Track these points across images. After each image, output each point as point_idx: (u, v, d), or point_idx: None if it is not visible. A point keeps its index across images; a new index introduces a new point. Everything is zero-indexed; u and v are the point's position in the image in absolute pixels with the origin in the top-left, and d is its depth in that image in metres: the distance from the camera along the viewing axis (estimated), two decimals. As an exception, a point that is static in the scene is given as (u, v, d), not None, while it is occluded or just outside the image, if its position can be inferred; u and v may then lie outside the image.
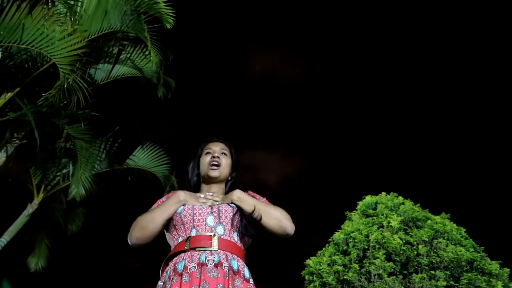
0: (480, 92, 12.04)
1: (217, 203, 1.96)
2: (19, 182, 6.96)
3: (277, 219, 1.92)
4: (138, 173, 7.17)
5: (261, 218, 1.90)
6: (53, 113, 5.71)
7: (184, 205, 1.94)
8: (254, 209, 1.90)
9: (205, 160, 2.10)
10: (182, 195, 1.95)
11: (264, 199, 2.07)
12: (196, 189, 2.11)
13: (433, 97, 12.77)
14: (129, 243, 1.95)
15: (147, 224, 1.90)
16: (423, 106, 12.73)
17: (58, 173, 6.92)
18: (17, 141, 6.01)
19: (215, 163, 2.07)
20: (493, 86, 11.93)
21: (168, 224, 1.97)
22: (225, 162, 2.10)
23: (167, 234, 2.00)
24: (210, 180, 2.08)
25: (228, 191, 2.08)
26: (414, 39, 12.24)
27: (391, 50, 12.43)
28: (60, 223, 7.30)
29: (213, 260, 1.78)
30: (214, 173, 2.06)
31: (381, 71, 12.52)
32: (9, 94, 5.25)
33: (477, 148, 12.01)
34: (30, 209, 6.68)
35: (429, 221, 5.93)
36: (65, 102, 5.24)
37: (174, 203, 1.93)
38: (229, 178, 2.12)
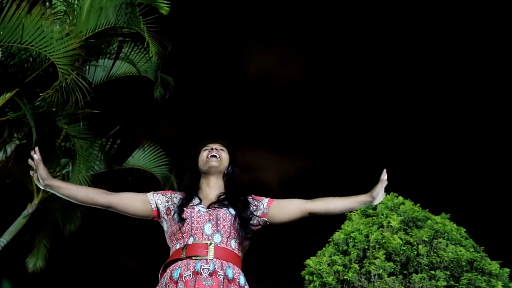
0: (480, 92, 12.04)
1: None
2: (19, 182, 6.95)
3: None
4: (137, 173, 7.17)
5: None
6: (52, 113, 5.71)
7: (183, 210, 1.93)
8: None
9: (203, 155, 2.12)
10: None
11: (268, 199, 2.07)
12: (195, 187, 2.10)
13: (433, 97, 12.77)
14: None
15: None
16: (423, 106, 12.74)
17: (58, 173, 6.92)
18: (16, 141, 6.01)
19: (214, 154, 2.09)
20: (493, 86, 11.94)
21: (167, 227, 1.98)
22: (224, 156, 2.12)
23: (166, 236, 2.01)
24: (209, 171, 2.07)
25: (226, 185, 2.09)
26: (415, 40, 12.25)
27: (391, 50, 12.44)
28: (59, 223, 7.29)
29: (208, 269, 1.79)
30: (213, 163, 2.06)
31: (381, 72, 12.52)
32: (9, 94, 5.25)
33: (476, 148, 12.02)
34: (30, 209, 6.68)
35: (429, 221, 5.92)
36: (63, 101, 5.23)
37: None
38: (225, 172, 2.12)
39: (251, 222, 1.96)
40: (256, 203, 2.04)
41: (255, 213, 1.99)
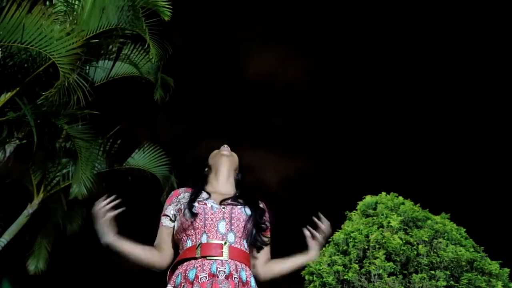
0: (480, 92, 12.04)
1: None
2: (19, 182, 6.95)
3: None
4: (138, 173, 7.17)
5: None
6: (52, 113, 5.71)
7: (193, 206, 1.91)
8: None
9: (215, 151, 2.17)
10: (103, 242, 1.90)
11: (269, 224, 2.08)
12: (202, 182, 2.11)
13: (433, 97, 12.77)
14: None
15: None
16: (423, 106, 12.74)
17: (58, 173, 6.92)
18: (16, 141, 6.01)
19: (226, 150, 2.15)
20: (493, 86, 11.93)
21: (177, 225, 1.95)
22: (235, 154, 2.17)
23: (174, 234, 1.98)
24: (221, 160, 2.09)
25: (236, 185, 2.10)
26: (414, 40, 12.25)
27: (391, 50, 12.43)
28: (59, 223, 7.29)
29: (224, 272, 1.78)
30: (225, 152, 2.12)
31: (381, 72, 12.52)
32: (9, 94, 5.25)
33: (476, 148, 12.02)
34: (30, 209, 6.67)
35: (429, 221, 5.91)
36: (65, 101, 5.23)
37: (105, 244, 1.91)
38: (235, 177, 2.13)
39: (263, 231, 1.96)
40: (266, 214, 2.06)
41: (266, 223, 2.01)
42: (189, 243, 1.87)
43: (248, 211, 1.93)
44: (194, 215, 1.87)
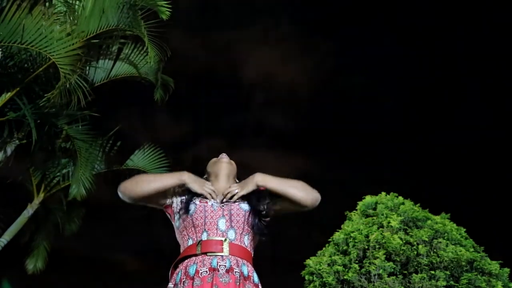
0: (480, 92, 12.05)
1: (233, 199, 1.95)
2: (19, 182, 6.95)
3: (305, 190, 1.97)
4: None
5: (289, 193, 1.92)
6: (52, 113, 5.72)
7: (191, 203, 1.92)
8: (281, 185, 1.93)
9: (213, 159, 2.17)
10: (185, 175, 1.95)
11: None
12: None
13: (433, 96, 12.77)
14: (118, 190, 1.97)
15: (140, 183, 1.93)
16: (423, 106, 12.74)
17: (58, 173, 6.92)
18: (16, 141, 6.01)
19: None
20: (493, 85, 11.94)
21: (179, 223, 1.97)
22: (233, 163, 2.17)
23: (177, 232, 2.01)
24: (220, 166, 2.10)
25: None
26: (412, 40, 12.25)
27: (392, 48, 12.44)
28: (59, 223, 7.29)
29: (225, 266, 1.80)
30: (224, 159, 2.12)
31: (381, 71, 12.53)
32: (9, 94, 5.25)
33: (476, 148, 12.01)
34: (30, 209, 6.67)
35: (429, 221, 5.93)
36: (66, 101, 5.24)
37: (174, 178, 1.94)
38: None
39: (266, 218, 1.96)
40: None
41: (264, 206, 1.98)
42: (190, 242, 1.90)
43: (245, 207, 1.95)
44: (187, 211, 1.91)
